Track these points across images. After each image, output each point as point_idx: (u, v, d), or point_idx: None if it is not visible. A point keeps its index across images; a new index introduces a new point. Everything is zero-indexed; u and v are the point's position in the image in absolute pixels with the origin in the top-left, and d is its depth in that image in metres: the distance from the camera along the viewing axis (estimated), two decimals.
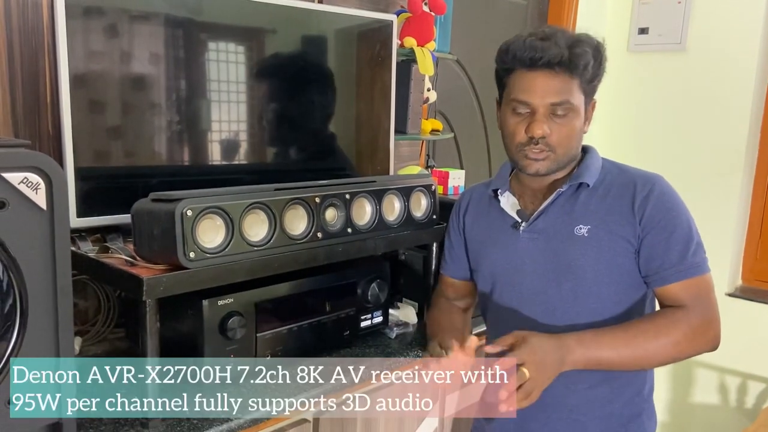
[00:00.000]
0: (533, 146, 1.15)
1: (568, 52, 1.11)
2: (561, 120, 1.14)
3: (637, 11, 2.71)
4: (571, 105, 1.13)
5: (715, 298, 1.13)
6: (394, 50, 1.67)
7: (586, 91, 1.16)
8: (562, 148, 1.16)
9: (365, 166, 1.68)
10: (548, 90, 1.12)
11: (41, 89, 1.30)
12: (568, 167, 1.21)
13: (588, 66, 1.14)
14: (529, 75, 1.13)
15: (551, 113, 1.14)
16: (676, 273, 1.12)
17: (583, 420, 1.20)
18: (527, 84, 1.14)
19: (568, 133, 1.15)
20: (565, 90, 1.13)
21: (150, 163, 1.32)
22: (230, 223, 1.08)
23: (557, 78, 1.12)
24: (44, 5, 1.28)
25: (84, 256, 1.14)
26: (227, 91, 1.41)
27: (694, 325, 1.09)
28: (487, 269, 1.28)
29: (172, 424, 1.04)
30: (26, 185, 0.80)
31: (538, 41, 1.12)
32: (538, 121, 1.13)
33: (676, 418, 2.72)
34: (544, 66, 1.12)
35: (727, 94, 2.52)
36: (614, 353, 1.08)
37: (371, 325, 1.42)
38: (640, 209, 1.13)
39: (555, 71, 1.12)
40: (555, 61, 1.11)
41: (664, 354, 1.09)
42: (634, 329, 1.10)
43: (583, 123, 1.19)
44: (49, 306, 0.85)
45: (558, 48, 1.11)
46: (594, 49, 1.15)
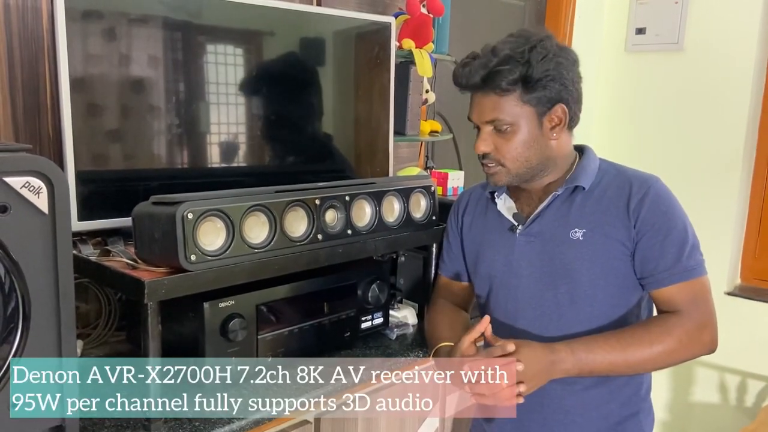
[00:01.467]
0: (484, 161, 1.20)
1: (486, 72, 1.13)
2: (503, 135, 1.16)
3: (634, 11, 2.72)
4: (504, 121, 1.14)
5: (712, 300, 1.13)
6: (393, 52, 1.67)
7: (532, 101, 1.13)
8: (510, 162, 1.17)
9: (364, 167, 1.69)
10: (482, 109, 1.17)
11: (41, 93, 1.30)
12: (561, 168, 1.21)
13: (515, 81, 1.11)
14: (471, 96, 1.20)
15: (495, 129, 1.16)
16: (670, 276, 1.12)
17: (580, 421, 1.21)
18: (471, 104, 1.20)
19: (513, 147, 1.16)
20: (495, 108, 1.15)
21: (150, 166, 1.33)
22: (231, 226, 1.08)
23: (486, 98, 1.16)
24: (44, 9, 1.28)
25: (85, 260, 1.14)
26: (227, 94, 1.42)
27: (689, 329, 1.09)
28: (484, 271, 1.28)
29: (173, 425, 1.05)
30: (28, 189, 0.81)
31: (460, 68, 1.17)
32: (479, 139, 1.19)
33: (675, 416, 2.72)
34: (471, 89, 1.17)
35: (725, 94, 2.52)
36: (606, 362, 1.08)
37: (371, 326, 1.42)
38: (635, 212, 1.13)
39: (484, 91, 1.15)
40: (477, 84, 1.15)
41: (659, 361, 1.10)
42: (628, 337, 1.09)
43: (537, 133, 1.15)
44: (52, 309, 0.85)
45: (477, 71, 1.14)
46: (523, 61, 1.11)
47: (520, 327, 1.21)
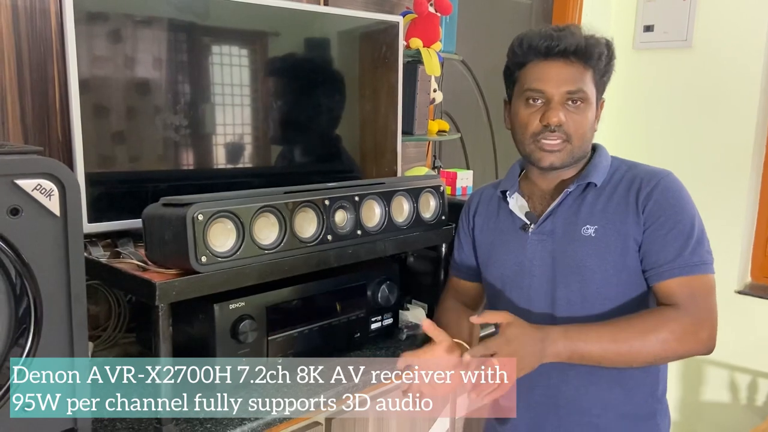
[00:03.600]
0: (549, 134, 1.14)
1: (585, 41, 1.13)
2: (575, 109, 1.14)
3: (642, 8, 2.71)
4: (585, 94, 1.14)
5: (714, 300, 1.10)
6: (401, 51, 1.67)
7: (597, 86, 1.17)
8: (577, 139, 1.16)
9: (373, 167, 1.69)
10: (564, 78, 1.13)
11: (50, 95, 1.31)
12: (577, 165, 1.21)
13: (602, 57, 1.15)
14: (544, 64, 1.14)
15: (566, 102, 1.14)
16: (670, 270, 1.10)
17: (596, 422, 1.19)
18: (542, 73, 1.14)
19: (583, 122, 1.15)
20: (579, 79, 1.13)
21: (159, 167, 1.33)
22: (241, 227, 1.08)
23: (572, 67, 1.13)
24: (52, 11, 1.29)
25: (96, 262, 1.14)
26: (240, 95, 1.42)
27: (685, 324, 1.07)
28: (495, 271, 1.27)
29: (185, 427, 1.05)
30: (39, 192, 0.81)
31: (553, 31, 1.14)
32: (554, 109, 1.13)
33: (686, 416, 2.71)
34: (559, 55, 1.13)
35: (734, 91, 2.51)
36: (599, 348, 1.06)
37: (381, 327, 1.42)
38: (643, 204, 1.13)
39: (570, 60, 1.13)
40: (571, 50, 1.12)
41: (651, 352, 1.06)
42: (623, 325, 1.08)
43: (594, 117, 1.19)
44: (63, 312, 0.85)
45: (574, 37, 1.13)
46: (606, 44, 1.16)
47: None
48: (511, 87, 1.21)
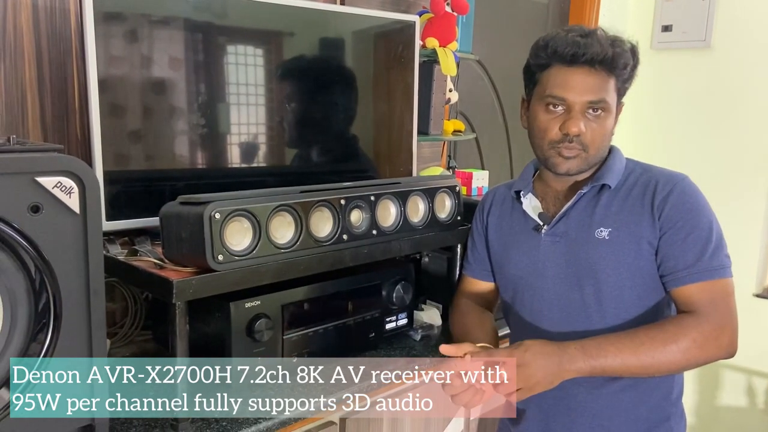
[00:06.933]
0: (567, 143, 1.14)
1: (611, 50, 1.11)
2: (595, 119, 1.13)
3: (660, 8, 2.68)
4: (606, 104, 1.13)
5: (734, 304, 1.09)
6: (417, 51, 1.66)
7: (619, 92, 1.16)
8: (594, 148, 1.15)
9: (388, 167, 1.68)
10: (587, 87, 1.12)
11: (69, 94, 1.32)
12: (593, 168, 1.20)
13: (627, 67, 1.13)
14: (567, 71, 1.12)
15: (586, 111, 1.13)
16: (689, 275, 1.09)
17: (608, 425, 1.18)
18: (565, 80, 1.12)
19: (602, 132, 1.15)
20: (602, 88, 1.12)
21: (177, 166, 1.33)
22: (257, 226, 1.08)
23: (596, 75, 1.12)
24: (72, 11, 1.30)
25: (113, 259, 1.15)
26: (256, 95, 1.42)
27: (706, 331, 1.05)
28: (509, 272, 1.27)
29: (201, 425, 1.05)
30: (60, 189, 0.81)
31: (579, 38, 1.11)
32: (574, 119, 1.12)
33: (702, 420, 2.68)
34: (584, 63, 1.11)
35: (754, 92, 2.48)
36: (619, 361, 1.04)
37: (396, 327, 1.42)
38: (659, 208, 1.12)
39: (595, 69, 1.11)
40: (597, 59, 1.10)
41: (673, 362, 1.05)
42: (642, 336, 1.06)
43: (613, 123, 1.17)
44: (82, 309, 0.86)
45: (600, 46, 1.10)
46: (631, 51, 1.14)
47: (545, 328, 1.20)
48: (531, 87, 1.20)
